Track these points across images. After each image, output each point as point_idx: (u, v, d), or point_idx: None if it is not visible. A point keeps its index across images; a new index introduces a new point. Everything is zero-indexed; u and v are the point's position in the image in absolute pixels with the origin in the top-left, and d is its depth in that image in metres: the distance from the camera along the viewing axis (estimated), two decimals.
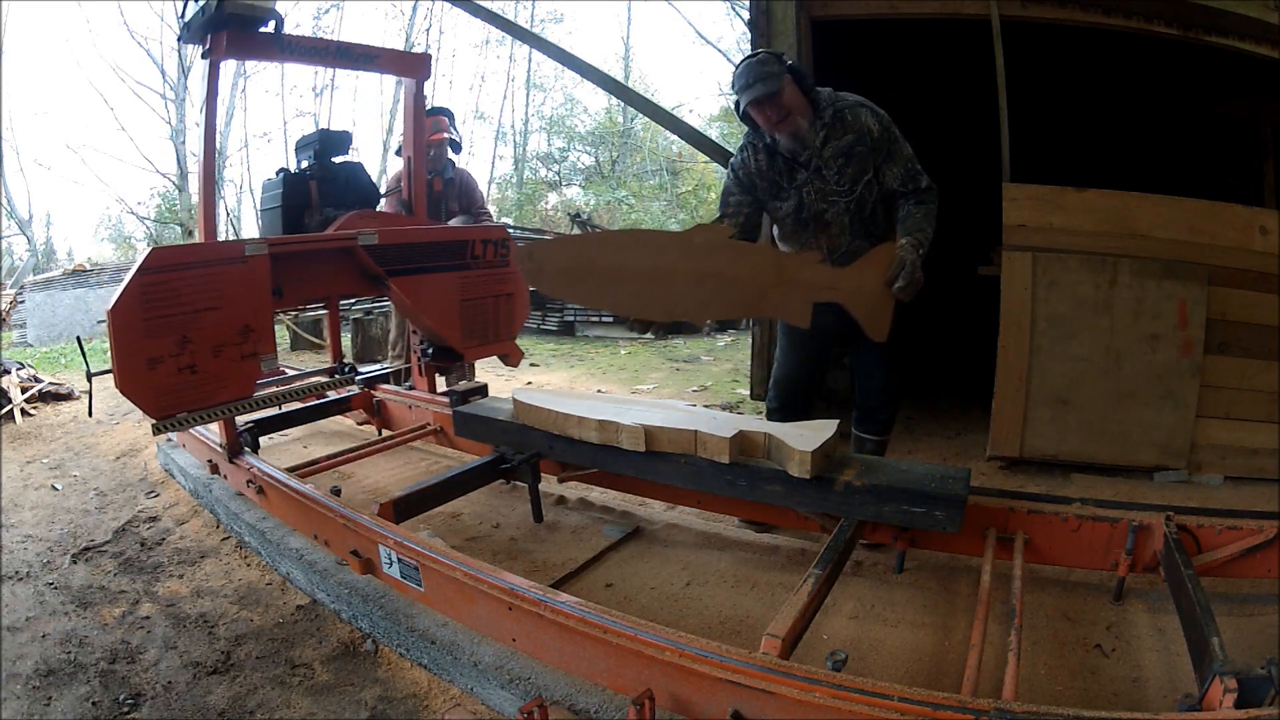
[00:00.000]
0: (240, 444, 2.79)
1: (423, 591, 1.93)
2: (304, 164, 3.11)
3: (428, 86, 3.23)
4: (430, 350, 3.15)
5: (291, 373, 3.37)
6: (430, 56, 3.24)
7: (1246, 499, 2.77)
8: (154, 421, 2.27)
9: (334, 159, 3.13)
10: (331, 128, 3.73)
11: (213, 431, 2.88)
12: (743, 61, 2.14)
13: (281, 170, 3.07)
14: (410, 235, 2.90)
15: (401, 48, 17.27)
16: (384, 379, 3.46)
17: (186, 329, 2.25)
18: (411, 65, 3.15)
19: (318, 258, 2.74)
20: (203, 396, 2.32)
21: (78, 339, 2.70)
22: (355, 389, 3.34)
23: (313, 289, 2.82)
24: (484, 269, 3.09)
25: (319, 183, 3.02)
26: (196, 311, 2.27)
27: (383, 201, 3.48)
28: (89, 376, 2.61)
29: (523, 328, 3.41)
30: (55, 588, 2.29)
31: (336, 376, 3.02)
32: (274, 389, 2.81)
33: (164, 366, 2.21)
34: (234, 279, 2.36)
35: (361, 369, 3.23)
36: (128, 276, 2.15)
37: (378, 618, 1.94)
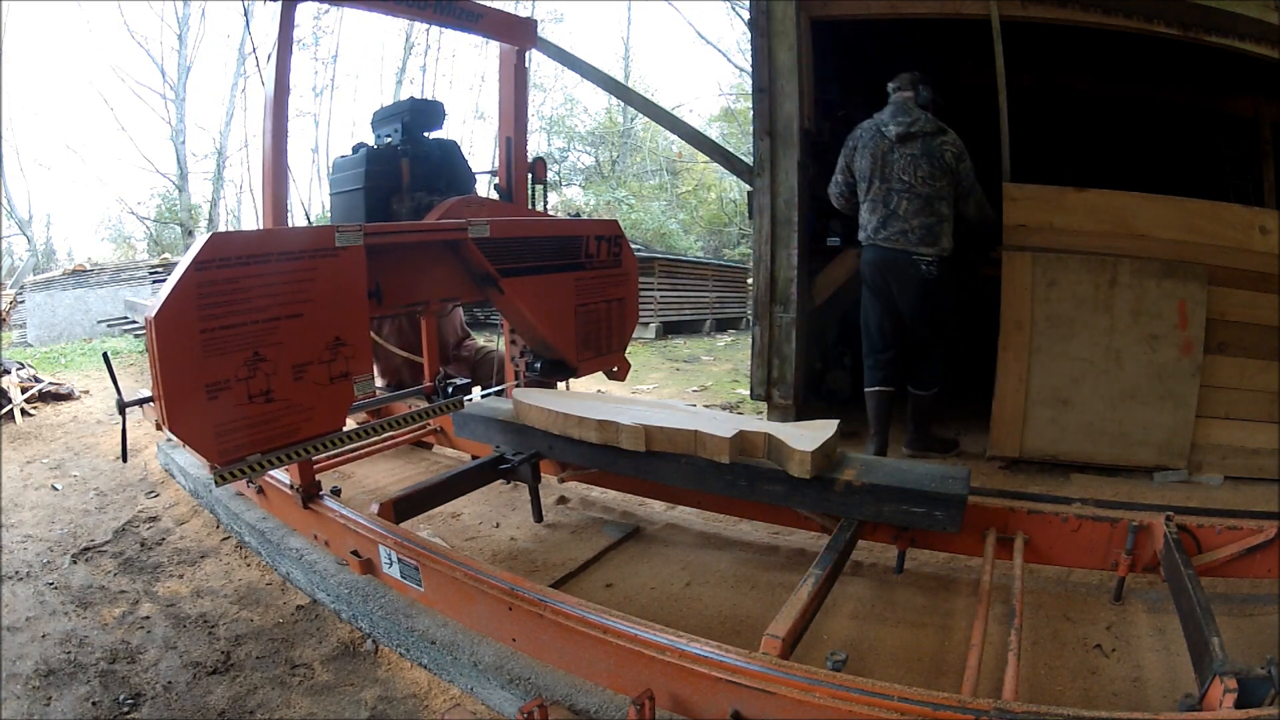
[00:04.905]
0: (317, 486, 2.35)
1: (423, 591, 1.93)
2: (387, 139, 2.69)
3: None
4: (539, 364, 2.66)
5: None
6: (537, 23, 2.86)
7: (1246, 499, 2.77)
8: (216, 471, 1.68)
9: (426, 134, 2.73)
10: (423, 96, 3.21)
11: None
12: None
13: (360, 145, 2.65)
14: (526, 228, 2.43)
15: (402, 45, 17.31)
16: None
17: (259, 343, 1.69)
18: (516, 31, 2.75)
19: (421, 252, 2.23)
20: (281, 433, 1.77)
21: (104, 356, 2.10)
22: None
23: (414, 291, 2.26)
24: (597, 269, 2.64)
25: (411, 161, 2.61)
26: (273, 320, 1.72)
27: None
28: (121, 409, 1.93)
29: None
30: (55, 588, 2.29)
31: (439, 401, 2.41)
32: (366, 417, 2.25)
33: (229, 394, 1.65)
34: (322, 276, 1.82)
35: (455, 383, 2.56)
36: (177, 272, 1.60)
37: (378, 618, 1.94)
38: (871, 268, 3.30)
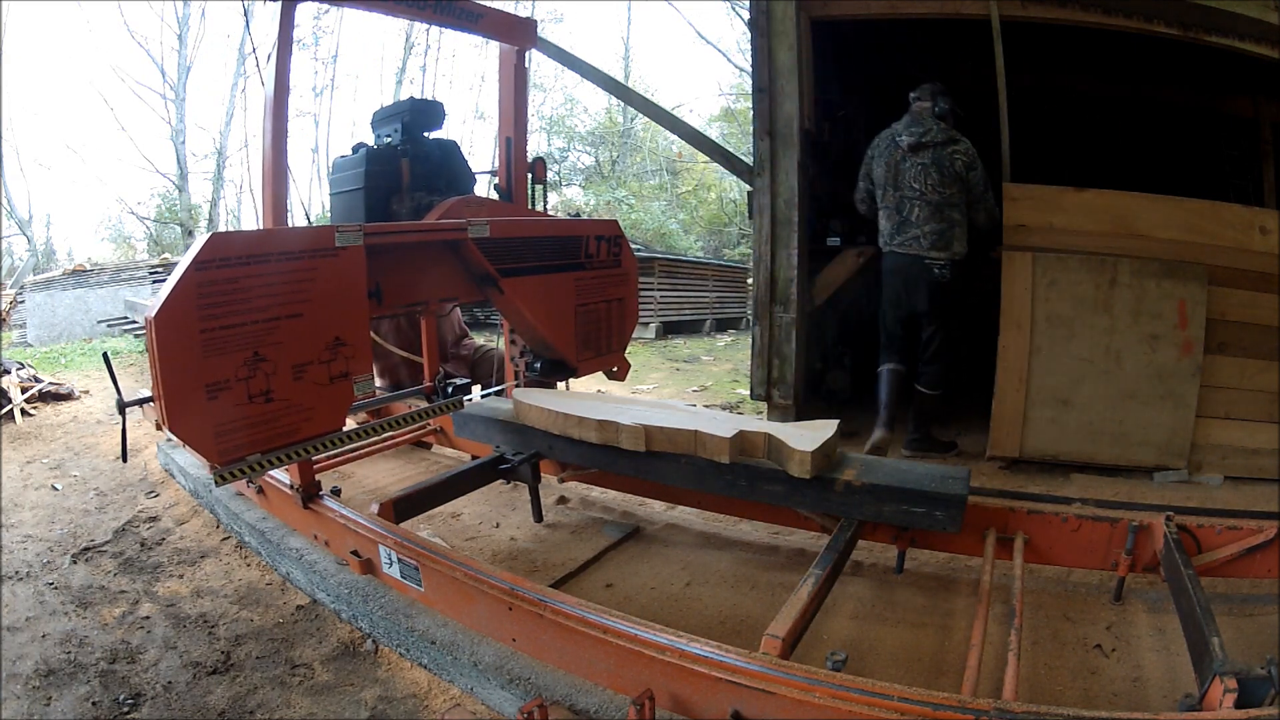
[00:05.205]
0: (317, 486, 2.35)
1: (423, 591, 1.93)
2: (387, 139, 2.70)
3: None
4: (539, 364, 2.67)
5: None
6: (536, 23, 2.88)
7: (1246, 499, 2.77)
8: (216, 470, 1.68)
9: (426, 134, 2.74)
10: (422, 96, 3.20)
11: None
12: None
13: (360, 145, 2.66)
14: (526, 228, 2.43)
15: (402, 45, 17.31)
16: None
17: (259, 343, 1.70)
18: (516, 31, 2.75)
19: (421, 252, 2.22)
20: (281, 433, 1.77)
21: (104, 356, 2.10)
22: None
23: (414, 291, 2.25)
24: (597, 270, 2.65)
25: (410, 161, 2.62)
26: (273, 320, 1.72)
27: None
28: (121, 409, 1.94)
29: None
30: (55, 588, 2.29)
31: (438, 401, 2.39)
32: (366, 417, 2.23)
33: (229, 394, 1.65)
34: (322, 276, 1.82)
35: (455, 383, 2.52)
36: (177, 272, 1.60)
37: (378, 618, 1.94)
38: (888, 273, 3.45)
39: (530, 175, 2.91)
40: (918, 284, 3.34)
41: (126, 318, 8.27)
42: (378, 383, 3.67)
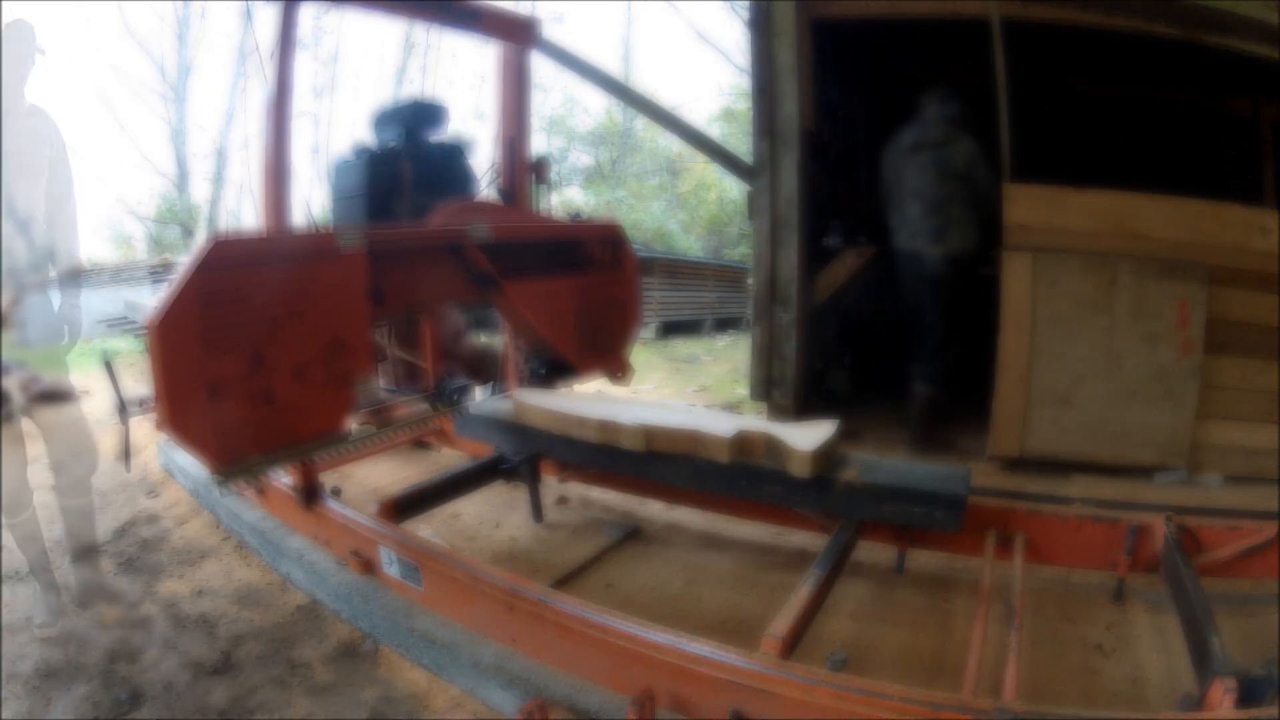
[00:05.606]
0: (318, 488, 2.35)
1: (423, 591, 1.93)
2: (390, 142, 2.69)
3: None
4: (540, 366, 2.67)
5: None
6: (539, 22, 2.84)
7: (1246, 499, 2.77)
8: (217, 472, 1.68)
9: (429, 136, 2.73)
10: (424, 98, 3.11)
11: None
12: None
13: (362, 147, 2.66)
14: (527, 231, 2.45)
15: (402, 46, 17.29)
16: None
17: (260, 344, 1.68)
18: (517, 30, 2.72)
19: (423, 255, 2.23)
20: (281, 433, 1.76)
21: (106, 363, 2.07)
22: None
23: (416, 293, 2.24)
24: (599, 272, 2.66)
25: (412, 163, 2.62)
26: (274, 323, 1.71)
27: None
28: (123, 415, 1.94)
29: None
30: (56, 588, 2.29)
31: (440, 405, 2.39)
32: (366, 418, 2.19)
33: (230, 395, 1.64)
34: (324, 280, 1.83)
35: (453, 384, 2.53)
36: (179, 275, 1.60)
37: (378, 618, 1.94)
38: (898, 270, 3.53)
39: (535, 176, 2.92)
40: (914, 279, 3.41)
41: (126, 318, 8.27)
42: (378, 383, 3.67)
